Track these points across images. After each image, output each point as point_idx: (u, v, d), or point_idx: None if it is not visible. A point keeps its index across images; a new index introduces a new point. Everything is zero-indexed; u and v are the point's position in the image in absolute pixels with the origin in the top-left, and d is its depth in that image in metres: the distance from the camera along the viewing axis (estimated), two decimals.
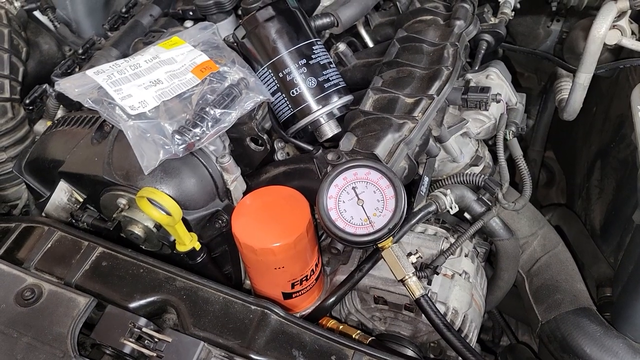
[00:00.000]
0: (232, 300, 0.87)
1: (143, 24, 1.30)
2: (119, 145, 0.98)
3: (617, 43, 1.18)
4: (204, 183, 0.99)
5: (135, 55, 1.05)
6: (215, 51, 1.06)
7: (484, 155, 1.20)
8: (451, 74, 1.05)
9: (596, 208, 1.38)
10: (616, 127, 1.35)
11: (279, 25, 1.03)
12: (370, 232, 0.87)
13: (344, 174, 0.91)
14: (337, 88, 1.05)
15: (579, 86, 1.21)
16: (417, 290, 0.87)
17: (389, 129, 0.99)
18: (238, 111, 0.98)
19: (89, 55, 1.27)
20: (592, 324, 1.07)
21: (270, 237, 0.90)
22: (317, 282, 1.03)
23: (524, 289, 1.20)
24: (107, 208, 1.00)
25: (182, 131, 0.93)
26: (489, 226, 1.08)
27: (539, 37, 1.60)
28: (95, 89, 0.97)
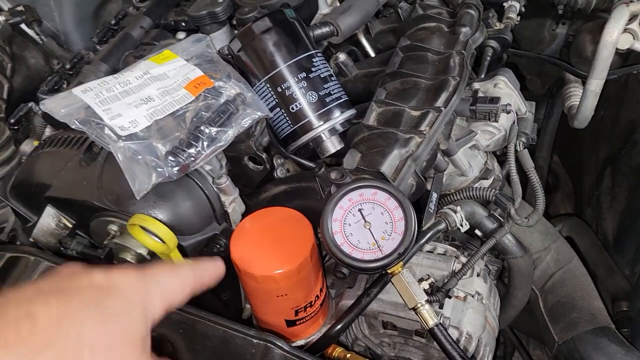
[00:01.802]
0: (232, 334, 0.81)
1: (133, 37, 1.24)
2: (109, 167, 0.93)
3: (630, 47, 1.14)
4: (200, 206, 0.93)
5: (124, 71, 0.99)
6: (210, 65, 1.01)
7: (494, 167, 1.15)
8: (458, 85, 1.00)
9: (608, 217, 1.33)
10: (627, 132, 1.30)
11: (276, 37, 0.97)
12: (379, 257, 0.82)
13: (349, 195, 0.85)
14: (339, 102, 0.99)
15: (591, 93, 1.16)
16: (430, 320, 0.82)
17: (395, 145, 0.94)
18: (235, 129, 0.93)
19: (77, 70, 1.22)
20: (612, 344, 1.01)
21: (271, 263, 0.85)
22: (321, 307, 0.97)
23: (538, 307, 1.14)
24: (97, 234, 0.95)
25: (175, 152, 0.88)
26: (501, 243, 1.03)
27: (544, 40, 1.55)
28: (82, 109, 0.91)
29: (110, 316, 0.52)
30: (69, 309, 0.49)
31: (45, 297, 0.50)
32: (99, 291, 0.53)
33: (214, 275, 0.69)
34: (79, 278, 0.53)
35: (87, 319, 0.50)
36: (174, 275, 0.62)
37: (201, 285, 0.66)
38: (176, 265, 0.64)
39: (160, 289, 0.58)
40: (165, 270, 0.61)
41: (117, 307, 0.53)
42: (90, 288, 0.53)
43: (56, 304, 0.49)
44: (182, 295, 0.62)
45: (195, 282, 0.64)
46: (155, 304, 0.57)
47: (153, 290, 0.57)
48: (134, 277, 0.57)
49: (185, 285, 0.62)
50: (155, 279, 0.59)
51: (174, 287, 0.61)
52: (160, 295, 0.58)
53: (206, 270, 0.68)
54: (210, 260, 0.70)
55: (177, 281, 0.62)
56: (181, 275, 0.63)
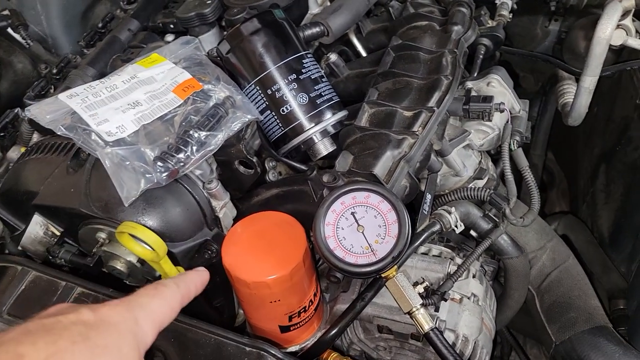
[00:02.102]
0: (225, 342, 0.79)
1: (121, 40, 1.22)
2: (96, 174, 0.91)
3: (623, 43, 1.13)
4: (190, 212, 0.91)
5: (111, 75, 0.97)
6: (198, 68, 0.99)
7: (488, 167, 1.13)
8: (451, 84, 0.99)
9: (603, 214, 1.32)
10: (621, 129, 1.29)
11: (265, 38, 0.96)
12: (373, 261, 0.80)
13: (342, 198, 0.84)
14: (330, 103, 0.98)
15: (585, 90, 1.15)
16: (425, 324, 0.81)
17: (388, 146, 0.92)
18: (225, 132, 0.91)
19: (64, 74, 1.20)
20: (610, 343, 1.00)
21: (264, 269, 0.83)
22: (316, 312, 0.96)
23: (534, 307, 1.13)
24: (86, 242, 0.93)
25: (164, 157, 0.86)
26: (497, 244, 1.02)
27: (537, 37, 1.54)
28: (68, 115, 0.90)
29: (101, 351, 0.51)
30: (57, 348, 0.49)
31: (33, 337, 0.49)
32: (87, 327, 0.52)
33: (199, 284, 0.69)
34: (66, 316, 0.53)
35: (76, 356, 0.49)
36: (159, 297, 0.61)
37: (188, 298, 0.66)
38: (160, 285, 0.63)
39: (148, 315, 0.59)
40: (150, 294, 0.61)
41: (107, 342, 0.52)
42: (78, 325, 0.52)
43: (44, 344, 0.49)
44: (170, 314, 0.62)
45: (182, 297, 0.64)
46: (145, 330, 0.57)
47: (141, 317, 0.57)
48: (121, 309, 0.57)
49: (172, 303, 0.63)
50: (142, 306, 0.59)
51: (161, 309, 0.61)
52: (149, 321, 0.58)
53: (191, 282, 0.68)
54: (194, 271, 0.70)
55: (164, 302, 0.62)
56: (167, 295, 0.63)
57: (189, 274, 0.69)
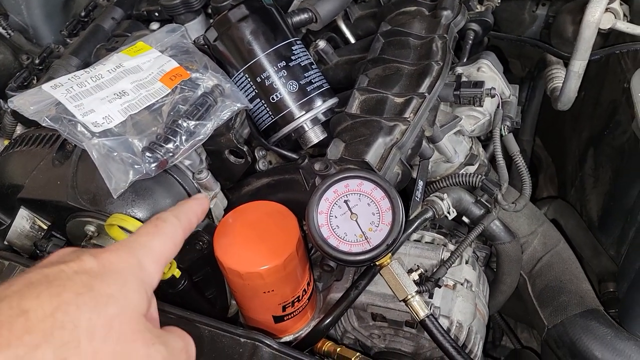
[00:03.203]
0: (219, 333, 0.78)
1: (105, 29, 1.19)
2: (83, 166, 0.89)
3: (612, 27, 1.12)
4: None
5: (96, 65, 0.95)
6: (186, 56, 0.98)
7: (479, 152, 1.13)
8: (442, 69, 0.98)
9: (592, 198, 1.33)
10: (609, 113, 1.30)
11: (253, 25, 0.94)
12: (367, 249, 0.79)
13: (335, 187, 0.83)
14: (320, 91, 0.97)
15: (574, 74, 1.15)
16: (421, 311, 0.80)
17: (379, 133, 0.92)
18: (214, 122, 0.90)
19: (47, 65, 1.17)
20: (602, 326, 1.01)
21: (256, 259, 0.82)
22: (309, 301, 0.95)
23: (526, 292, 1.14)
24: (74, 235, 0.91)
25: (153, 148, 0.85)
26: (489, 230, 1.02)
27: (525, 22, 1.53)
28: (53, 105, 0.88)
29: (106, 301, 0.50)
30: (61, 300, 0.48)
31: (37, 290, 0.48)
32: (90, 277, 0.51)
33: (199, 213, 0.67)
34: (68, 265, 0.51)
35: (81, 308, 0.48)
36: (160, 234, 0.59)
37: (190, 229, 0.64)
38: (160, 221, 0.61)
39: (151, 254, 0.57)
40: (150, 232, 0.59)
41: (112, 290, 0.51)
42: (82, 274, 0.51)
43: (48, 297, 0.48)
44: (174, 249, 0.60)
45: (184, 229, 0.62)
46: (150, 271, 0.56)
47: (144, 258, 0.56)
48: (123, 253, 0.55)
49: (174, 237, 0.61)
50: (144, 247, 0.57)
51: (164, 246, 0.59)
52: (152, 261, 0.57)
53: (191, 211, 0.66)
54: (193, 200, 0.68)
55: (166, 238, 0.60)
56: (168, 230, 0.61)
57: (188, 202, 0.67)
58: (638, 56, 1.13)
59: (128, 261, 0.55)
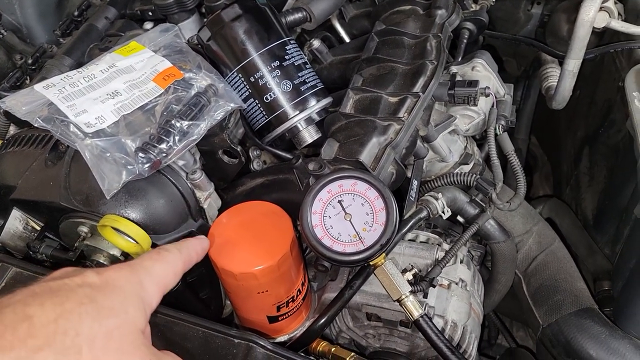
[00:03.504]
0: (212, 334, 0.78)
1: (98, 28, 1.19)
2: (76, 166, 0.88)
3: (606, 26, 1.12)
4: (174, 203, 0.90)
5: (88, 65, 0.95)
6: (179, 56, 0.97)
7: (474, 152, 1.13)
8: (436, 69, 0.98)
9: (587, 197, 1.33)
10: (604, 112, 1.30)
11: (247, 24, 0.94)
12: (361, 249, 0.79)
13: (328, 187, 0.83)
14: (314, 90, 0.96)
15: (568, 73, 1.15)
16: (415, 311, 0.80)
17: (373, 133, 0.91)
18: (207, 122, 0.89)
19: (39, 65, 1.16)
20: (596, 325, 1.01)
21: (250, 259, 0.82)
22: (304, 301, 0.95)
23: (521, 291, 1.14)
24: (67, 236, 0.91)
25: (146, 148, 0.84)
26: (484, 229, 1.02)
27: (520, 21, 1.53)
28: (45, 106, 0.87)
29: (107, 312, 0.52)
30: (64, 309, 0.50)
31: (41, 299, 0.50)
32: (93, 289, 0.53)
33: (199, 251, 0.72)
34: (71, 279, 0.54)
35: (83, 317, 0.50)
36: (163, 261, 0.63)
37: (190, 264, 0.68)
38: (163, 250, 0.65)
39: (153, 278, 0.60)
40: (153, 258, 0.63)
41: (114, 303, 0.53)
42: (84, 287, 0.53)
43: (52, 305, 0.49)
44: (174, 278, 0.64)
45: (184, 262, 0.66)
46: (151, 293, 0.58)
47: (146, 280, 0.58)
48: (126, 272, 0.58)
49: (175, 267, 0.65)
50: (146, 270, 0.60)
51: (165, 272, 0.63)
52: (153, 284, 0.59)
53: (192, 248, 0.70)
54: (194, 238, 0.73)
55: (167, 266, 0.64)
56: (169, 259, 0.64)
57: (190, 240, 0.71)
58: (632, 55, 1.13)
59: (129, 279, 0.57)
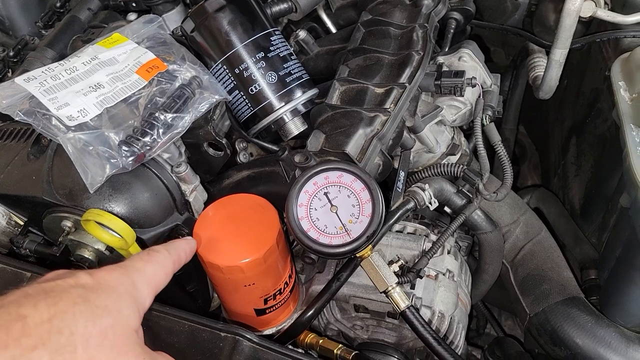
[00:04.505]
0: (198, 328, 0.77)
1: (81, 20, 1.17)
2: (59, 160, 0.87)
3: (592, 15, 1.12)
4: (159, 197, 0.89)
5: (70, 57, 0.93)
6: (163, 47, 0.96)
7: (461, 142, 1.13)
8: (422, 59, 0.97)
9: (574, 186, 1.34)
10: (590, 101, 1.30)
11: (231, 15, 0.93)
12: (347, 241, 0.79)
13: (314, 179, 0.82)
14: (300, 82, 0.96)
15: (555, 63, 1.15)
16: (401, 302, 0.80)
17: (360, 124, 0.91)
18: (192, 114, 0.88)
19: (21, 57, 1.15)
20: (583, 313, 1.02)
21: (237, 252, 0.82)
22: (292, 293, 0.95)
23: (508, 280, 1.14)
24: (51, 231, 0.90)
25: (129, 141, 0.83)
26: (471, 220, 1.02)
27: (507, 11, 1.53)
28: (26, 99, 0.86)
29: (101, 312, 0.52)
30: (58, 309, 0.50)
31: (34, 299, 0.50)
32: (86, 290, 0.54)
33: (188, 252, 0.73)
34: (64, 280, 0.54)
35: (77, 316, 0.50)
36: (153, 262, 0.64)
37: (179, 264, 0.69)
38: (152, 251, 0.66)
39: (145, 278, 0.61)
40: (144, 259, 0.64)
41: (107, 303, 0.54)
42: (77, 288, 0.53)
43: (45, 306, 0.50)
44: (165, 278, 0.65)
45: (174, 263, 0.68)
46: (143, 293, 0.59)
47: (138, 280, 0.59)
48: (118, 273, 0.58)
49: (165, 268, 0.66)
50: (138, 270, 0.61)
51: (156, 273, 0.64)
52: (146, 284, 0.60)
53: (180, 249, 0.71)
54: (182, 240, 0.74)
55: (158, 267, 0.65)
56: (160, 260, 0.65)
57: (178, 241, 0.73)
58: (619, 44, 1.13)
59: (122, 279, 0.58)
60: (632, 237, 0.92)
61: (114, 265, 0.59)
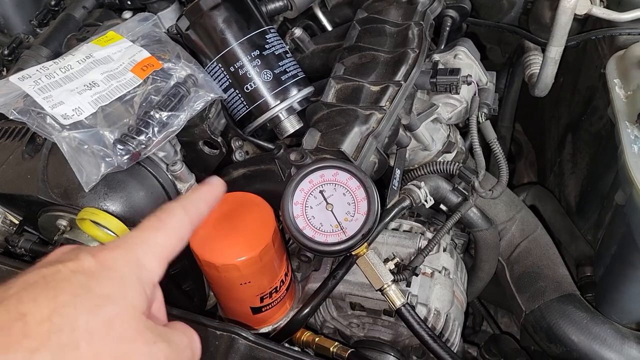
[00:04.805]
0: (194, 326, 0.77)
1: (76, 18, 1.17)
2: (54, 159, 0.87)
3: (588, 13, 1.12)
4: (154, 195, 0.89)
5: (65, 55, 0.93)
6: (158, 46, 0.96)
7: (457, 140, 1.13)
8: (418, 57, 0.97)
9: (570, 184, 1.34)
10: (586, 99, 1.30)
11: (226, 13, 0.92)
12: (343, 239, 0.79)
13: (310, 177, 0.83)
14: (295, 80, 0.95)
15: (550, 60, 1.15)
16: (397, 300, 0.80)
17: (355, 122, 0.91)
18: (187, 112, 0.88)
19: (16, 56, 1.14)
20: (578, 310, 1.02)
21: (232, 251, 0.82)
22: (287, 291, 0.95)
23: (504, 278, 1.15)
24: (46, 230, 0.90)
25: (124, 140, 0.83)
26: (466, 217, 1.02)
27: (503, 8, 1.52)
28: (21, 98, 0.86)
29: (104, 301, 0.50)
30: (59, 302, 0.47)
31: (34, 292, 0.48)
32: (88, 277, 0.50)
33: (211, 200, 0.63)
34: (65, 264, 0.50)
35: (79, 309, 0.48)
36: (165, 229, 0.57)
37: (199, 219, 0.61)
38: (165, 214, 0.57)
39: (153, 250, 0.55)
40: (154, 226, 0.56)
41: (110, 290, 0.50)
42: (79, 274, 0.50)
43: (45, 300, 0.47)
44: (179, 243, 0.58)
45: (192, 221, 0.59)
46: (150, 268, 0.54)
47: (144, 255, 0.54)
48: (123, 250, 0.54)
49: (180, 231, 0.58)
50: (145, 242, 0.55)
51: (168, 241, 0.57)
52: (154, 257, 0.55)
53: (200, 200, 0.61)
54: (205, 187, 0.64)
55: (171, 233, 0.57)
56: (174, 225, 0.57)
57: (200, 190, 0.63)
58: (614, 42, 1.13)
59: (126, 258, 0.53)
60: (628, 234, 0.92)
61: (119, 241, 0.54)
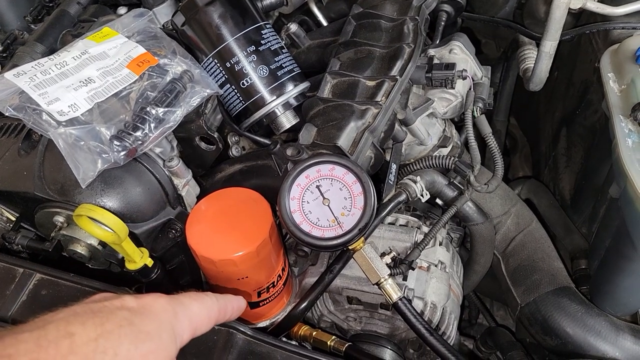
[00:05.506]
0: None
1: (70, 14, 1.16)
2: (50, 155, 0.87)
3: (582, 7, 1.13)
4: (151, 191, 0.89)
5: (60, 51, 0.93)
6: (153, 41, 0.96)
7: (452, 134, 1.13)
8: (413, 52, 0.98)
9: (564, 177, 1.35)
10: (580, 93, 1.31)
11: (221, 8, 0.92)
12: (339, 234, 0.80)
13: (306, 172, 0.83)
14: (291, 75, 0.96)
15: (545, 55, 1.15)
16: (393, 294, 0.81)
17: (351, 117, 0.91)
18: (184, 108, 0.88)
19: (11, 52, 1.14)
20: (573, 303, 1.03)
21: (229, 246, 0.82)
22: (285, 286, 0.95)
23: (500, 271, 1.15)
24: (43, 226, 0.90)
25: (121, 136, 0.83)
26: (462, 211, 1.03)
27: (497, 3, 1.53)
28: (16, 94, 0.85)
29: (144, 336, 0.54)
30: (104, 329, 0.52)
31: (82, 318, 0.52)
32: (131, 313, 0.56)
33: (236, 308, 0.71)
34: (111, 302, 0.56)
35: (122, 338, 0.53)
36: (200, 302, 0.65)
37: (224, 316, 0.69)
38: (201, 293, 0.67)
39: (187, 313, 0.62)
40: (191, 297, 0.64)
41: (150, 328, 0.55)
42: (123, 310, 0.56)
43: (92, 325, 0.52)
44: (207, 322, 0.65)
45: (219, 312, 0.67)
46: (184, 327, 0.60)
47: (181, 314, 0.60)
48: (163, 300, 0.60)
49: (210, 312, 0.66)
50: (182, 304, 0.62)
51: (200, 312, 0.64)
52: (188, 320, 0.61)
53: (229, 301, 0.70)
54: (235, 296, 0.73)
55: (203, 308, 0.65)
56: (207, 302, 0.66)
57: (229, 295, 0.72)
58: (608, 36, 1.13)
59: (165, 307, 0.59)
60: (622, 227, 0.93)
61: (160, 294, 0.61)
